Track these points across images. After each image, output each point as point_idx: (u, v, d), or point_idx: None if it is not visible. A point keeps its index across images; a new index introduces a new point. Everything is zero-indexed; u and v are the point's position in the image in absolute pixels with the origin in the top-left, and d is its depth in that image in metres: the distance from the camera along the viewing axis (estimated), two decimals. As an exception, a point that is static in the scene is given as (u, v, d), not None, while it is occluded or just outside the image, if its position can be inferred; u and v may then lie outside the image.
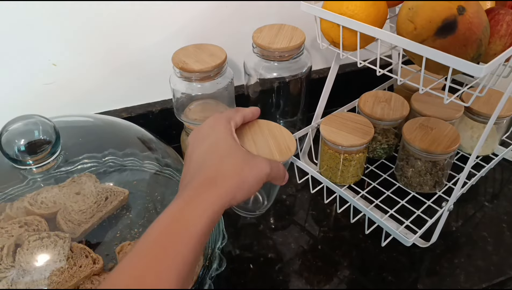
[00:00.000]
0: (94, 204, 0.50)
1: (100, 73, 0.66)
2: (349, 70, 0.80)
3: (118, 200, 0.51)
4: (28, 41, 0.59)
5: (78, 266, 0.45)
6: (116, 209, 0.51)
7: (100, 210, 0.49)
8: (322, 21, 0.53)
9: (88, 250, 0.46)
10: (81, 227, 0.48)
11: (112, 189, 0.52)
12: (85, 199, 0.50)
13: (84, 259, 0.46)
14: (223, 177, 0.38)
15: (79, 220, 0.48)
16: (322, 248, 0.58)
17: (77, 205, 0.49)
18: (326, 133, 0.61)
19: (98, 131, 0.56)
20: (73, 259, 0.45)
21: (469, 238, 0.59)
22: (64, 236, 0.46)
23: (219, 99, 0.65)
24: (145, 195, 0.53)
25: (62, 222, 0.48)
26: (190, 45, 0.63)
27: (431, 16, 0.40)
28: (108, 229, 0.50)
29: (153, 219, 0.51)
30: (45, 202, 0.48)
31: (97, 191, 0.51)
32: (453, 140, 0.59)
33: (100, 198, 0.50)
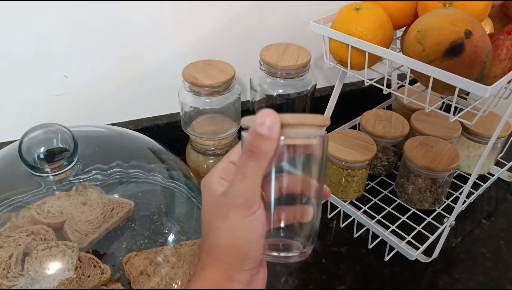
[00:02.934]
0: (100, 215, 0.50)
1: (109, 86, 0.67)
2: (350, 89, 0.82)
3: (124, 212, 0.51)
4: (40, 53, 0.60)
5: (86, 276, 0.45)
6: (122, 220, 0.51)
7: (107, 221, 0.50)
8: (330, 41, 0.55)
9: (97, 260, 0.46)
10: (88, 237, 0.48)
11: (118, 200, 0.52)
12: (92, 209, 0.50)
13: (92, 269, 0.46)
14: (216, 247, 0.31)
15: (86, 230, 0.48)
16: (326, 262, 0.59)
17: (84, 216, 0.49)
18: (331, 149, 0.62)
19: (111, 141, 0.57)
20: (81, 268, 0.45)
21: (469, 254, 0.60)
22: (72, 246, 0.46)
23: (226, 114, 0.66)
24: (150, 207, 0.54)
25: (70, 232, 0.48)
26: (200, 61, 0.65)
27: (439, 38, 0.42)
28: (114, 240, 0.50)
29: (158, 231, 0.52)
30: (51, 212, 0.48)
31: (103, 202, 0.51)
32: (453, 158, 0.61)
33: (107, 209, 0.51)
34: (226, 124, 0.67)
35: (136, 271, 0.47)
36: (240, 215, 0.30)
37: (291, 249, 0.33)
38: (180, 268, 0.49)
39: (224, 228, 0.30)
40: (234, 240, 0.30)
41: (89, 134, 0.56)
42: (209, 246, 0.31)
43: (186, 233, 0.53)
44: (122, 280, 0.47)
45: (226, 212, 0.30)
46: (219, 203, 0.31)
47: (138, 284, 0.47)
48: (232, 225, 0.30)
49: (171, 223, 0.53)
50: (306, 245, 0.34)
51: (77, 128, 0.50)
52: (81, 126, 0.54)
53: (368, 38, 0.51)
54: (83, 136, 0.51)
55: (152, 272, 0.48)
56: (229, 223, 0.30)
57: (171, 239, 0.51)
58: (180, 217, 0.54)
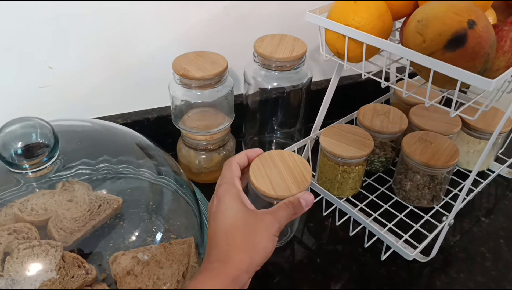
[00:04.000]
0: (87, 212, 0.48)
1: (96, 78, 0.64)
2: (347, 82, 0.80)
3: (111, 209, 0.49)
4: (24, 43, 0.57)
5: (70, 276, 0.43)
6: (110, 217, 0.49)
7: (93, 218, 0.48)
8: (327, 32, 0.53)
9: (81, 260, 0.44)
10: (74, 236, 0.46)
11: (106, 197, 0.50)
12: (78, 206, 0.48)
13: (76, 269, 0.44)
14: (235, 249, 0.40)
15: (71, 228, 0.46)
16: (320, 261, 0.57)
17: (70, 213, 0.47)
18: (326, 145, 0.60)
19: (96, 136, 0.54)
20: (65, 269, 0.43)
21: (468, 253, 0.59)
22: (56, 245, 0.44)
23: (218, 107, 0.64)
24: (139, 204, 0.51)
25: (54, 230, 0.46)
26: (191, 52, 0.62)
27: (441, 29, 0.40)
28: (101, 239, 0.48)
29: (147, 228, 0.50)
30: (35, 209, 0.46)
31: (90, 199, 0.49)
32: (453, 154, 0.59)
33: (93, 206, 0.49)
34: (219, 118, 0.64)
35: (122, 271, 0.45)
36: (274, 242, 0.42)
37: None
38: (169, 268, 0.47)
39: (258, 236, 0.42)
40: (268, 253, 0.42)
41: (72, 128, 0.53)
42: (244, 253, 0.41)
43: (175, 231, 0.51)
44: (108, 280, 0.45)
45: (267, 231, 0.42)
46: (257, 216, 0.43)
47: (124, 285, 0.45)
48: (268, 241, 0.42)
49: (160, 221, 0.51)
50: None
51: (58, 122, 0.48)
52: (64, 120, 0.51)
53: (366, 28, 0.49)
54: (65, 130, 0.49)
55: (139, 272, 0.46)
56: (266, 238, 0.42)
57: (160, 237, 0.49)
58: (170, 214, 0.52)
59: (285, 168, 0.51)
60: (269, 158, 0.52)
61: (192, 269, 0.48)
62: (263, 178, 0.50)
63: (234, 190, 0.45)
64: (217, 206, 0.44)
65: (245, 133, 0.74)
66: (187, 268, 0.48)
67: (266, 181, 0.49)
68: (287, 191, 0.48)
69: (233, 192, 0.44)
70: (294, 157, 0.53)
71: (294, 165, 0.52)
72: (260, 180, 0.50)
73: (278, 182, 0.49)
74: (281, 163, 0.52)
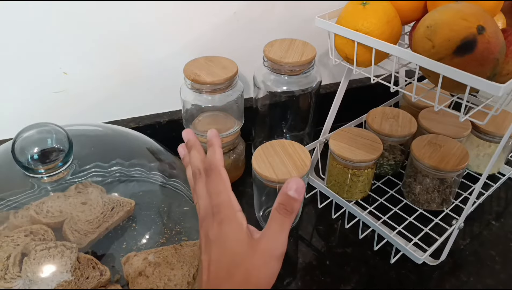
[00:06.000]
0: (100, 215, 0.49)
1: (109, 83, 0.65)
2: (356, 86, 0.80)
3: (124, 211, 0.50)
4: (40, 48, 0.59)
5: (85, 277, 0.44)
6: (123, 219, 0.50)
7: (107, 220, 0.49)
8: (336, 37, 0.53)
9: (96, 261, 0.45)
10: (88, 237, 0.47)
11: (119, 199, 0.51)
12: (92, 209, 0.49)
13: (91, 271, 0.45)
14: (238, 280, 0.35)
15: (85, 230, 0.47)
16: (330, 264, 0.58)
17: (84, 215, 0.48)
18: (336, 148, 0.61)
19: (108, 140, 0.56)
20: (80, 270, 0.44)
21: (477, 256, 0.59)
22: (71, 246, 0.45)
23: (228, 111, 0.65)
24: (151, 207, 0.52)
25: (69, 232, 0.47)
26: (202, 57, 0.63)
27: (450, 35, 0.40)
28: (114, 240, 0.49)
29: (159, 231, 0.51)
30: (51, 211, 0.47)
31: (104, 201, 0.50)
32: (462, 158, 0.59)
33: (107, 208, 0.50)
34: (229, 122, 0.65)
35: (134, 272, 0.46)
36: (277, 265, 0.35)
37: None
38: (180, 270, 0.48)
39: (256, 270, 0.35)
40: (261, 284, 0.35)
41: (85, 133, 0.54)
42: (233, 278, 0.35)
43: (187, 233, 0.51)
44: (122, 281, 0.46)
45: (265, 260, 0.35)
46: (254, 247, 0.35)
47: (136, 285, 0.46)
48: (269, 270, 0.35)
49: (171, 223, 0.52)
50: None
51: (72, 127, 0.49)
52: (77, 125, 0.53)
53: (375, 34, 0.49)
54: (78, 135, 0.50)
55: (150, 273, 0.47)
56: (265, 269, 0.35)
57: (171, 239, 0.50)
58: (181, 217, 0.53)
59: (285, 155, 0.56)
60: (271, 147, 0.58)
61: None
62: (265, 164, 0.55)
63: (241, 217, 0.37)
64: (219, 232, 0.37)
65: (255, 136, 0.75)
66: (197, 269, 0.49)
67: (268, 167, 0.54)
68: (288, 175, 0.53)
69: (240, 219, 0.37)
70: (294, 145, 0.58)
71: (294, 152, 0.57)
72: (262, 166, 0.54)
73: (279, 167, 0.54)
74: (282, 151, 0.57)
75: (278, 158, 0.56)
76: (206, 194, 0.39)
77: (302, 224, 0.63)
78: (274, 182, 0.54)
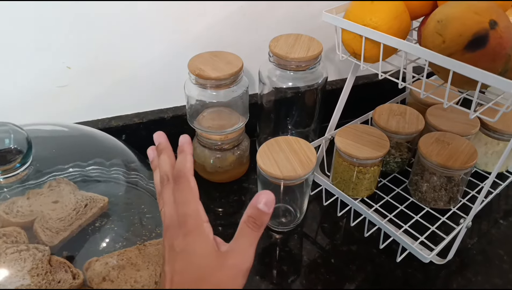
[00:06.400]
0: (73, 211, 0.47)
1: (113, 78, 0.65)
2: (362, 82, 0.79)
3: (97, 207, 0.49)
4: (43, 43, 0.58)
5: (56, 281, 0.43)
6: (96, 216, 0.48)
7: (79, 217, 0.47)
8: (343, 32, 0.52)
9: (68, 264, 0.44)
10: (60, 235, 0.45)
11: (92, 196, 0.49)
12: (64, 206, 0.47)
13: (63, 274, 0.43)
14: None
15: (57, 228, 0.46)
16: (335, 262, 0.57)
17: (55, 213, 0.47)
18: (341, 145, 0.60)
19: (72, 141, 0.53)
20: (51, 273, 0.43)
21: (485, 255, 0.58)
22: (43, 249, 0.44)
23: (233, 107, 0.64)
24: (130, 208, 0.51)
25: (40, 230, 0.45)
26: (206, 52, 0.63)
27: (461, 29, 0.39)
28: (91, 242, 0.47)
29: (138, 233, 0.48)
30: (21, 211, 0.46)
31: (76, 198, 0.49)
32: (470, 155, 0.58)
33: (79, 205, 0.48)
34: (233, 118, 0.65)
35: (98, 278, 0.45)
36: (243, 280, 0.35)
37: None
38: (146, 270, 0.46)
39: (223, 285, 0.34)
40: None
41: (49, 134, 0.52)
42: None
43: (150, 232, 0.50)
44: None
45: (233, 274, 0.34)
46: (221, 261, 0.34)
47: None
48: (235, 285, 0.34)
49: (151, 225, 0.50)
50: None
51: (35, 126, 0.47)
52: (42, 125, 0.50)
53: (383, 28, 0.48)
54: (41, 136, 0.48)
55: (115, 277, 0.45)
56: (232, 284, 0.34)
57: (135, 240, 0.48)
58: (145, 217, 0.51)
59: (290, 151, 0.55)
60: (276, 143, 0.57)
61: None
62: (270, 161, 0.54)
63: (208, 228, 0.36)
64: (185, 243, 0.36)
65: (260, 132, 0.74)
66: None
67: (273, 164, 0.53)
68: (293, 172, 0.52)
69: (207, 231, 0.36)
70: (300, 142, 0.57)
71: (299, 148, 0.56)
72: (267, 163, 0.54)
73: (284, 164, 0.53)
74: (287, 147, 0.56)
75: (283, 155, 0.55)
76: (172, 202, 0.38)
77: (307, 222, 0.63)
78: (279, 179, 0.53)
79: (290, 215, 0.62)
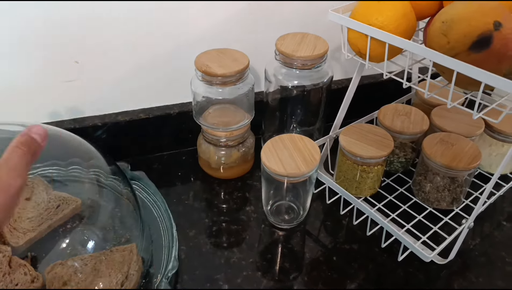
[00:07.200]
0: (44, 211, 0.47)
1: (120, 73, 0.66)
2: (368, 82, 0.79)
3: (70, 209, 0.48)
4: (51, 37, 0.59)
5: (14, 284, 0.42)
6: (68, 218, 0.48)
7: (50, 218, 0.47)
8: (349, 31, 0.52)
9: (28, 267, 0.44)
10: (26, 236, 0.45)
11: (65, 197, 0.49)
12: (36, 205, 0.47)
13: (22, 277, 0.43)
14: None
15: (25, 228, 0.46)
16: (337, 260, 0.57)
17: (25, 212, 0.47)
18: (346, 144, 0.60)
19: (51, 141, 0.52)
20: (9, 275, 0.43)
21: (487, 257, 0.58)
22: (5, 250, 0.43)
23: (238, 104, 0.65)
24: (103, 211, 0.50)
25: (6, 230, 0.45)
26: (213, 50, 0.63)
27: (466, 30, 0.39)
28: (59, 245, 0.47)
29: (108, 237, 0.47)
30: None
31: (49, 198, 0.48)
32: (474, 157, 0.58)
33: (52, 205, 0.48)
34: (239, 115, 0.65)
35: (58, 282, 0.44)
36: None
37: None
38: (107, 277, 0.46)
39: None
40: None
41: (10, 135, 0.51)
42: None
43: (119, 237, 0.49)
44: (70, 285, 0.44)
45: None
46: None
47: None
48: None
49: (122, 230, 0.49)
50: None
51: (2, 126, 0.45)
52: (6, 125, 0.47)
53: (389, 28, 0.49)
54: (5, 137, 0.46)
55: (76, 283, 0.45)
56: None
57: (101, 245, 0.47)
58: (113, 220, 0.50)
59: (295, 149, 0.56)
60: (280, 141, 0.58)
61: (131, 277, 0.48)
62: (274, 158, 0.55)
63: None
64: None
65: (265, 130, 0.75)
66: (126, 276, 0.47)
67: (277, 161, 0.54)
68: (297, 169, 0.53)
69: None
70: (304, 139, 0.58)
71: (303, 146, 0.57)
72: (271, 160, 0.54)
73: (288, 162, 0.54)
74: (291, 145, 0.57)
75: (287, 152, 0.56)
76: None
77: (309, 219, 0.63)
78: (282, 176, 0.54)
79: (293, 212, 0.63)
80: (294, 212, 0.63)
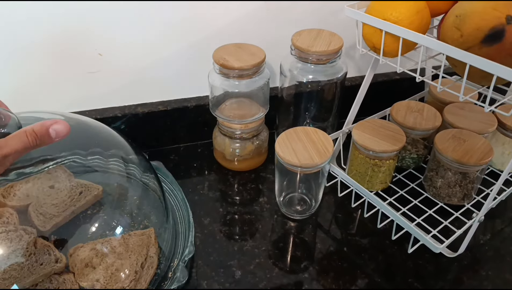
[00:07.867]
0: (67, 198, 0.49)
1: (140, 66, 0.68)
2: (381, 80, 0.80)
3: (92, 195, 0.50)
4: (75, 29, 0.61)
5: (39, 263, 0.45)
6: (90, 204, 0.50)
7: (73, 204, 0.49)
8: (364, 26, 0.54)
9: (52, 248, 0.46)
10: (52, 221, 0.47)
11: (87, 184, 0.51)
12: (59, 192, 0.49)
13: (46, 257, 0.45)
14: None
15: (50, 213, 0.48)
16: (348, 250, 0.58)
17: (50, 199, 0.49)
18: (358, 138, 0.62)
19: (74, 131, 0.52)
20: (35, 255, 0.45)
21: (497, 252, 0.58)
22: (31, 232, 0.46)
23: (254, 98, 0.67)
24: (123, 199, 0.52)
25: (34, 215, 0.47)
26: (231, 44, 0.65)
27: (479, 24, 0.41)
28: (81, 229, 0.49)
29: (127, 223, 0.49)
30: (17, 195, 0.48)
31: (71, 185, 0.50)
32: (486, 153, 0.59)
33: (74, 192, 0.50)
34: (254, 108, 0.67)
35: (81, 263, 0.47)
36: None
37: None
38: (127, 259, 0.48)
39: None
40: None
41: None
42: None
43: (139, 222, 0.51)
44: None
45: None
46: None
47: (82, 277, 0.46)
48: None
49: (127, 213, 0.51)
50: None
51: (33, 114, 0.47)
52: (37, 112, 0.49)
53: (404, 24, 0.50)
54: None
55: (97, 264, 0.47)
56: None
57: (122, 229, 0.49)
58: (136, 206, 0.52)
59: (308, 141, 0.58)
60: (294, 133, 0.59)
61: (150, 259, 0.50)
62: (288, 149, 0.56)
63: None
64: None
65: (278, 125, 0.76)
66: (145, 258, 0.50)
67: (291, 152, 0.56)
68: (310, 160, 0.55)
69: None
70: (318, 132, 0.60)
71: (317, 139, 0.58)
72: (285, 151, 0.56)
73: (302, 153, 0.56)
74: (305, 137, 0.59)
75: (301, 144, 0.57)
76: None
77: (321, 211, 0.65)
78: (296, 166, 0.55)
79: (305, 204, 0.64)
80: (306, 204, 0.64)
